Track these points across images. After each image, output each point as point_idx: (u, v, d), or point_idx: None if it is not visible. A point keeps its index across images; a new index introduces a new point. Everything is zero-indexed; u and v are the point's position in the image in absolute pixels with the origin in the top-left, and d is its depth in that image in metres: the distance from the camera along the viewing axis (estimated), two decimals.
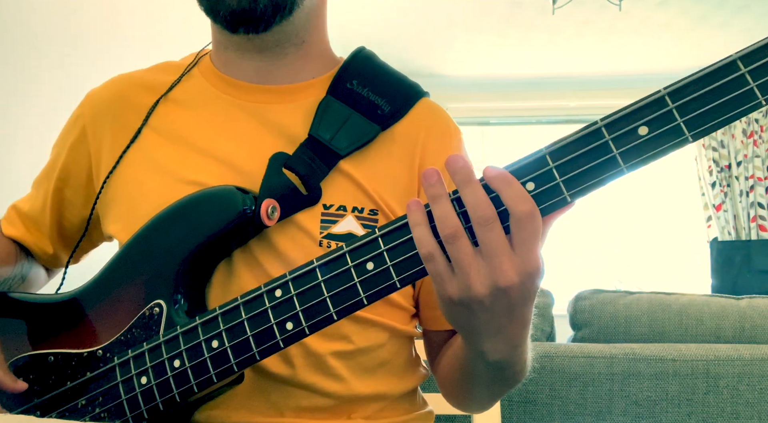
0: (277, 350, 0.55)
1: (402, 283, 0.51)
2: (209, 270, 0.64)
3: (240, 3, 0.62)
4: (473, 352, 0.55)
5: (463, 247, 0.46)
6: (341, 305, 0.52)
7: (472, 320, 0.49)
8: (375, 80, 0.72)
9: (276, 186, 0.63)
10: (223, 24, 0.65)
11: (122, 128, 0.73)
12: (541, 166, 0.47)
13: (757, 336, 1.48)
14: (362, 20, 3.54)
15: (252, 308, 0.55)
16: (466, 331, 0.52)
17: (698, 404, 1.40)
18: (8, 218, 0.82)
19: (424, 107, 0.74)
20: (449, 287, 0.48)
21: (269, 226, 0.63)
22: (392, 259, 0.50)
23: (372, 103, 0.70)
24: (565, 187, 0.46)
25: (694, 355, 1.42)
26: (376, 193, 0.67)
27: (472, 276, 0.46)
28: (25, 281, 0.80)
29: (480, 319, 0.49)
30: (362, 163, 0.68)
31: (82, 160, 0.76)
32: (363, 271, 0.51)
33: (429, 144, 0.71)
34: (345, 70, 0.72)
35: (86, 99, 0.77)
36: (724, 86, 0.43)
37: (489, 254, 0.46)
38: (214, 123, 0.70)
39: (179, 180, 0.67)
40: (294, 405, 0.65)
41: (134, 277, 0.63)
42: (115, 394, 0.59)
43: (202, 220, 0.61)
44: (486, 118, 4.70)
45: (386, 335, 0.69)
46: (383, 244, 0.51)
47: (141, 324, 0.61)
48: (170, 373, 0.57)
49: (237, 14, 0.63)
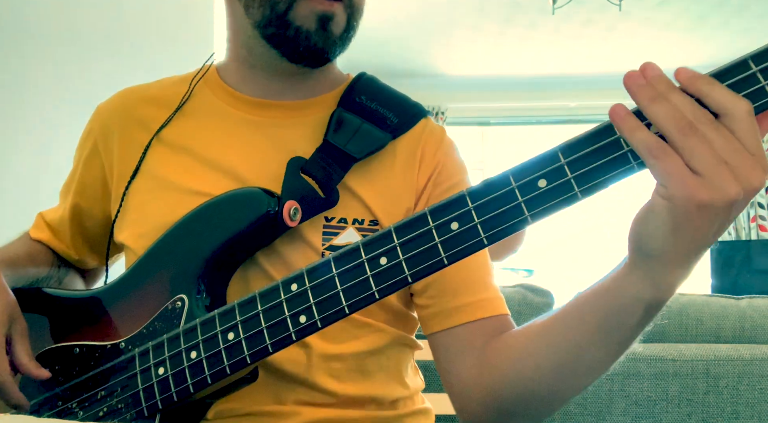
0: (289, 343, 0.55)
1: (413, 278, 0.51)
2: (231, 269, 0.66)
3: (325, 45, 0.67)
4: (648, 293, 0.49)
5: (708, 134, 0.42)
6: (353, 299, 0.53)
7: (703, 228, 0.44)
8: (381, 96, 0.75)
9: (296, 189, 0.66)
10: (292, 57, 0.68)
11: (130, 142, 0.75)
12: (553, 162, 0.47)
13: (757, 336, 1.48)
14: (363, 20, 3.53)
15: (268, 301, 0.56)
16: (679, 246, 0.46)
17: (698, 404, 1.40)
18: (36, 225, 0.87)
19: (424, 126, 0.76)
20: (694, 186, 0.42)
21: (291, 228, 0.64)
22: (405, 254, 0.51)
23: (381, 114, 0.73)
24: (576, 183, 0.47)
25: (694, 355, 1.42)
26: (376, 206, 0.69)
27: (723, 172, 0.42)
28: (62, 284, 0.84)
29: (711, 229, 0.45)
30: (363, 178, 0.70)
31: (97, 173, 0.79)
32: (376, 265, 0.52)
33: (426, 156, 0.74)
34: (352, 87, 0.76)
35: (95, 114, 0.81)
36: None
37: (729, 151, 0.42)
38: (221, 136, 0.73)
39: (185, 191, 0.69)
40: (294, 398, 0.67)
41: (160, 274, 0.66)
42: (133, 385, 0.61)
43: (228, 219, 0.64)
44: (486, 118, 4.70)
45: (384, 340, 0.71)
46: (397, 239, 0.51)
47: (163, 317, 0.63)
48: (186, 364, 0.58)
49: (314, 53, 0.67)
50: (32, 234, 0.85)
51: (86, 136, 0.81)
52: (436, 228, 0.51)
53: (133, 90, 0.81)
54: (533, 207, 0.48)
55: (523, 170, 0.48)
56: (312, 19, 0.65)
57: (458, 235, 0.50)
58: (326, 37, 0.66)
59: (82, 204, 0.81)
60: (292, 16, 0.65)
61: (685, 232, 0.45)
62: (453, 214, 0.50)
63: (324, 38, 0.66)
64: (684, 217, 0.44)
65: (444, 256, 0.50)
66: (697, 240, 0.45)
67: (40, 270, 0.80)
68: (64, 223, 0.83)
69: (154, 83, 0.82)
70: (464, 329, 0.67)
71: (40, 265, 0.81)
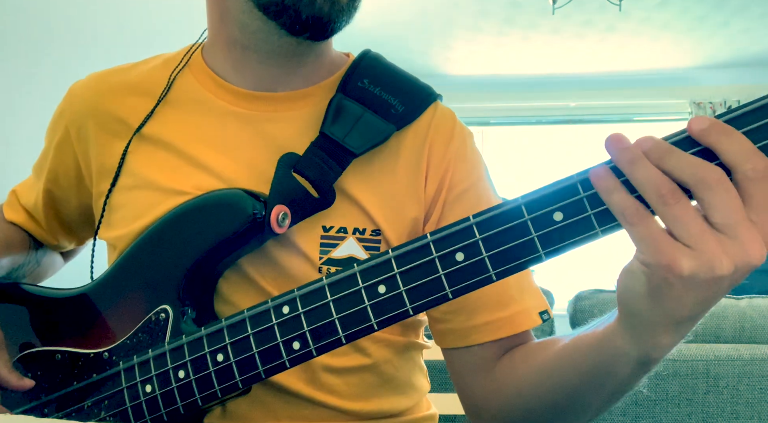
0: (283, 369, 0.52)
1: (415, 311, 0.47)
2: (215, 277, 0.62)
3: (331, 11, 0.58)
4: (638, 347, 0.45)
5: (688, 209, 0.38)
6: (351, 329, 0.49)
7: (684, 299, 0.40)
8: (386, 80, 0.67)
9: (287, 190, 0.59)
10: (293, 27, 0.59)
11: (107, 137, 0.69)
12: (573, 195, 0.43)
13: (757, 336, 1.48)
14: (362, 20, 3.53)
15: (258, 323, 0.52)
16: (661, 313, 0.42)
17: (698, 404, 1.40)
18: (10, 203, 0.81)
19: (432, 115, 0.69)
20: (673, 254, 0.38)
21: (279, 234, 0.59)
22: (405, 284, 0.47)
23: (385, 101, 0.65)
24: None
25: (694, 355, 1.41)
26: (377, 214, 0.63)
27: (711, 245, 0.37)
28: (41, 266, 0.79)
29: (694, 299, 0.40)
30: (363, 180, 0.64)
31: (69, 162, 0.73)
32: (374, 293, 0.48)
33: (433, 152, 0.67)
34: (355, 68, 0.68)
35: (68, 96, 0.74)
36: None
37: (730, 222, 0.37)
38: (206, 131, 0.66)
39: (168, 191, 0.64)
40: (291, 414, 0.63)
41: (141, 280, 0.62)
42: (119, 400, 0.58)
43: (210, 225, 0.59)
44: (486, 118, 4.70)
45: (388, 352, 0.67)
46: (396, 267, 0.47)
47: (147, 329, 0.59)
48: (175, 384, 0.55)
49: (318, 21, 0.58)
50: (7, 216, 0.79)
51: (57, 118, 0.74)
52: (439, 258, 0.46)
53: (110, 73, 0.73)
54: (548, 244, 0.44)
55: (538, 201, 0.44)
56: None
57: (464, 268, 0.46)
58: (332, 2, 0.58)
59: (56, 192, 0.76)
60: None
61: (666, 299, 0.41)
62: (458, 244, 0.46)
63: (330, 3, 0.58)
64: (663, 284, 0.40)
65: (449, 290, 0.47)
66: (681, 309, 0.41)
67: (17, 257, 0.75)
68: (38, 208, 0.77)
69: (134, 65, 0.74)
70: (480, 349, 0.63)
71: (18, 251, 0.75)
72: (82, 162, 0.72)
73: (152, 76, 0.71)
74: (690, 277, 0.38)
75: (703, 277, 0.38)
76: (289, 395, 0.63)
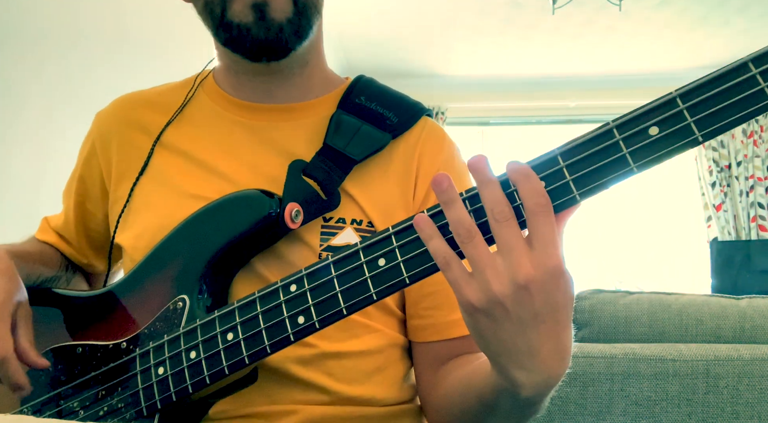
0: (288, 344, 0.55)
1: (411, 279, 0.51)
2: (233, 271, 0.67)
3: (267, 35, 0.65)
4: (504, 382, 0.49)
5: (479, 245, 0.45)
6: (351, 300, 0.53)
7: (498, 332, 0.45)
8: (381, 97, 0.76)
9: (298, 191, 0.66)
10: (247, 55, 0.68)
11: (129, 145, 0.77)
12: (552, 165, 0.47)
13: (757, 336, 1.48)
14: (362, 20, 3.54)
15: (267, 302, 0.57)
16: (495, 349, 0.47)
17: (698, 404, 1.40)
18: (42, 229, 0.88)
19: (422, 127, 0.76)
20: (468, 291, 0.45)
21: (293, 229, 0.65)
22: (403, 256, 0.51)
23: (381, 114, 0.73)
24: (574, 185, 0.46)
25: (694, 355, 1.42)
26: (372, 210, 0.70)
27: (488, 273, 0.44)
28: (70, 285, 0.85)
29: (506, 331, 0.45)
30: (361, 183, 0.71)
31: (95, 174, 0.80)
32: (374, 267, 0.52)
33: (423, 162, 0.74)
34: (352, 88, 0.76)
35: (94, 121, 0.82)
36: (735, 87, 0.43)
37: (506, 250, 0.44)
38: (217, 140, 0.74)
39: (185, 194, 0.70)
40: (290, 398, 0.67)
41: (162, 274, 0.66)
42: (133, 385, 0.61)
43: (230, 221, 0.64)
44: (486, 118, 4.70)
45: (383, 342, 0.71)
46: (395, 241, 0.52)
47: (164, 317, 0.63)
48: (185, 364, 0.59)
49: (263, 45, 0.66)
50: (39, 237, 0.86)
51: (86, 140, 0.83)
52: None
53: (130, 96, 0.82)
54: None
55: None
56: (247, 12, 0.64)
57: (451, 240, 0.49)
58: (267, 26, 0.64)
59: (86, 204, 0.83)
60: (230, 16, 0.65)
61: (485, 334, 0.46)
62: None
63: (265, 28, 0.64)
64: (474, 320, 0.46)
65: None
66: (501, 343, 0.46)
67: (49, 269, 0.80)
68: (69, 224, 0.84)
69: (151, 89, 0.83)
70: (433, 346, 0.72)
71: (50, 264, 0.82)
72: (105, 173, 0.79)
73: (169, 96, 0.80)
74: (480, 308, 0.45)
75: (484, 305, 0.44)
76: (289, 379, 0.66)
